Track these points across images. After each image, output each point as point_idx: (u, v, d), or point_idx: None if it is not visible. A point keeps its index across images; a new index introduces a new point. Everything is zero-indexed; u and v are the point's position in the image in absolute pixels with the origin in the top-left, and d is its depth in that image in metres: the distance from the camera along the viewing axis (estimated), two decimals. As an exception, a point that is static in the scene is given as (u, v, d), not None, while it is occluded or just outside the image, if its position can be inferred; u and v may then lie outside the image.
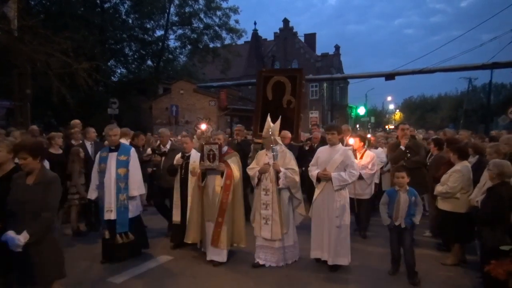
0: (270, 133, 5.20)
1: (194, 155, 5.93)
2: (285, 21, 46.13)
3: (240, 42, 31.84)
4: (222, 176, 5.34)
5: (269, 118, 5.38)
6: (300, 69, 8.22)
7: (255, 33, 45.80)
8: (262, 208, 5.23)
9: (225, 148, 5.63)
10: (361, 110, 40.87)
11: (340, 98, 49.68)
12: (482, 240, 4.37)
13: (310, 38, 47.90)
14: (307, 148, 8.83)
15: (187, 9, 27.24)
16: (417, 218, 4.84)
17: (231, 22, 27.86)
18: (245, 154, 7.30)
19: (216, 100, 23.96)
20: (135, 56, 27.62)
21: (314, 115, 39.42)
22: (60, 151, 6.77)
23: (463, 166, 5.30)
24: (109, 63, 25.72)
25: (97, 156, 5.56)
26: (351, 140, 6.50)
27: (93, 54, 18.80)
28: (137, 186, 5.50)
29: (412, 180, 5.02)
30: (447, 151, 5.95)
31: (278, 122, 5.39)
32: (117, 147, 5.46)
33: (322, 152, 5.30)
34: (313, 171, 5.20)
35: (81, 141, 7.34)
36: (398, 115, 56.46)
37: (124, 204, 5.32)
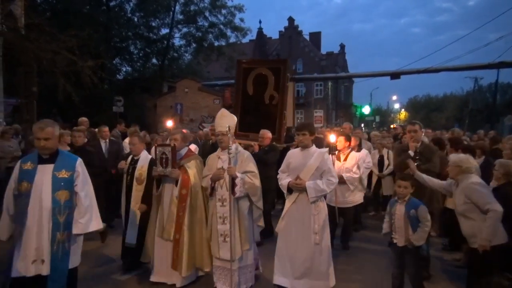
0: (227, 129, 4.26)
1: (144, 159, 4.99)
2: (290, 20, 46.01)
3: (245, 40, 31.80)
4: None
5: (224, 110, 4.53)
6: (285, 60, 7.23)
7: (260, 32, 45.73)
8: (219, 223, 4.26)
9: (183, 150, 4.73)
10: (366, 109, 40.77)
11: (345, 97, 49.55)
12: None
13: (315, 36, 47.75)
14: (292, 149, 8.23)
15: (192, 8, 27.26)
16: (416, 238, 3.89)
17: (236, 21, 27.84)
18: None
19: (221, 98, 23.98)
20: (140, 54, 27.69)
21: (319, 114, 39.25)
22: (68, 149, 6.83)
23: (481, 166, 5.35)
24: (114, 61, 25.81)
25: (15, 169, 3.51)
26: (332, 137, 5.59)
27: (99, 52, 18.88)
28: (89, 217, 3.54)
29: (420, 193, 4.38)
30: (451, 150, 5.93)
31: (234, 117, 4.53)
32: (52, 156, 3.47)
33: (293, 156, 4.43)
34: (283, 179, 4.36)
35: (86, 139, 7.38)
36: (403, 114, 56.25)
37: (63, 248, 3.37)
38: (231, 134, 4.32)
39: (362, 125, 43.57)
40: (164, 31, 27.48)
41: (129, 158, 5.15)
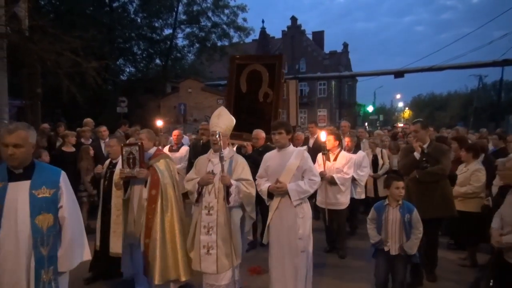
0: (222, 130, 3.91)
1: None
2: (293, 19, 45.98)
3: (248, 40, 31.80)
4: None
5: (223, 109, 4.16)
6: (280, 56, 6.94)
7: (263, 31, 45.74)
8: (203, 233, 3.85)
9: (152, 150, 4.43)
10: (370, 108, 40.69)
11: (348, 96, 49.46)
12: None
13: (318, 36, 47.69)
14: None
15: (195, 8, 27.30)
16: (410, 245, 3.69)
17: (239, 21, 27.86)
18: None
19: (224, 98, 23.99)
20: (144, 55, 27.76)
21: (322, 113, 39.37)
22: (73, 149, 6.88)
23: (481, 165, 5.31)
24: (117, 62, 25.89)
25: None
26: (323, 135, 5.40)
27: (102, 53, 18.94)
28: (77, 247, 2.79)
29: (425, 199, 4.17)
30: (456, 149, 5.91)
31: (233, 118, 4.17)
32: (27, 170, 2.63)
33: (270, 158, 4.10)
34: (262, 185, 4.03)
35: (91, 139, 7.42)
36: (407, 113, 56.10)
37: None
38: (226, 137, 3.98)
39: (366, 124, 43.48)
40: (167, 31, 27.55)
41: (107, 162, 4.78)
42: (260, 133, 5.94)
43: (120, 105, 18.58)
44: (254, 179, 4.14)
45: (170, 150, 6.96)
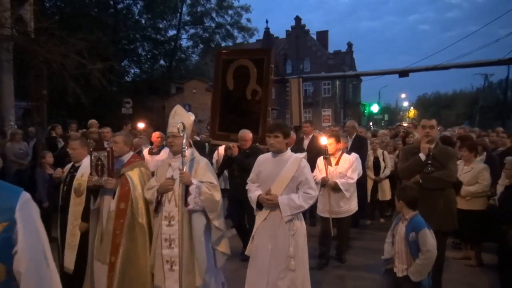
0: (179, 127, 3.41)
1: (85, 167, 4.03)
2: (297, 19, 45.94)
3: (252, 40, 31.87)
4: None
5: (178, 107, 3.67)
6: (269, 50, 6.43)
7: (266, 31, 45.76)
8: (165, 247, 3.38)
9: (126, 156, 3.90)
10: (375, 108, 40.56)
11: (353, 96, 49.33)
12: (503, 239, 4.28)
13: (322, 35, 47.60)
14: None
15: (199, 9, 27.43)
16: (413, 271, 3.15)
17: (243, 21, 27.98)
18: None
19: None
20: (148, 56, 27.92)
21: (327, 113, 39.19)
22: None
23: (484, 163, 5.31)
24: (122, 63, 26.03)
25: None
26: (324, 140, 5.03)
27: (107, 55, 19.04)
28: None
29: (427, 208, 3.59)
30: (459, 148, 5.90)
31: (191, 115, 3.73)
32: None
33: (263, 162, 3.63)
34: (253, 192, 3.57)
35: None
36: (412, 112, 55.87)
37: None
38: (187, 135, 3.43)
39: (371, 123, 43.37)
40: (171, 32, 27.71)
41: (69, 165, 4.31)
42: (247, 134, 5.37)
43: (125, 106, 18.65)
44: (243, 183, 3.84)
45: (150, 152, 6.49)
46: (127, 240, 3.60)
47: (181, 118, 3.52)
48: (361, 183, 6.30)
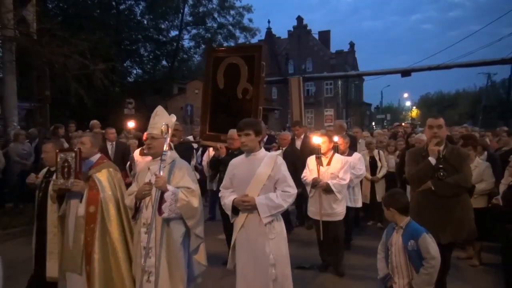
0: (166, 130, 3.24)
1: None
2: (299, 19, 45.97)
3: (254, 40, 31.90)
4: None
5: (159, 108, 3.53)
6: (259, 46, 6.32)
7: (268, 32, 45.78)
8: (143, 255, 3.12)
9: (94, 157, 3.70)
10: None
11: (355, 96, 49.30)
12: (507, 239, 4.25)
13: (324, 35, 47.62)
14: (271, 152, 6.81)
15: (201, 9, 27.50)
16: (419, 283, 2.83)
17: (245, 21, 28.06)
18: None
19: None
20: (150, 57, 27.97)
21: (329, 113, 39.16)
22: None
23: (485, 161, 5.33)
24: (125, 64, 26.09)
25: None
26: (317, 139, 4.85)
27: (109, 55, 19.08)
28: None
29: (442, 218, 3.42)
30: (462, 147, 5.90)
31: (172, 116, 3.54)
32: None
33: (237, 166, 3.39)
34: (227, 198, 3.32)
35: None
36: (414, 112, 55.76)
37: None
38: (167, 136, 3.23)
39: (373, 123, 43.30)
40: (174, 33, 27.77)
41: (44, 170, 4.08)
42: (236, 133, 5.37)
43: (127, 107, 18.68)
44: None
45: (141, 154, 6.19)
46: (100, 247, 3.39)
47: (162, 119, 3.34)
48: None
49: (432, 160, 3.61)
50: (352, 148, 6.24)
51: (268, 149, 6.48)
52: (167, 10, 25.68)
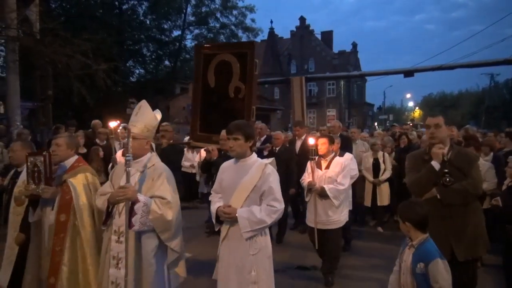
0: (136, 129, 2.98)
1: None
2: (302, 19, 45.95)
3: (256, 40, 31.94)
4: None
5: (144, 103, 3.19)
6: (251, 43, 6.01)
7: (271, 32, 45.78)
8: (112, 265, 2.89)
9: (70, 160, 3.42)
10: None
11: (358, 96, 49.24)
12: (508, 239, 4.24)
13: (327, 35, 47.59)
14: (265, 153, 6.48)
15: (203, 9, 27.54)
16: None
17: (247, 21, 28.12)
18: (171, 166, 4.18)
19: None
20: (153, 57, 28.04)
21: (331, 113, 39.23)
22: (84, 150, 6.96)
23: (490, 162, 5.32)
24: (127, 64, 26.17)
25: None
26: (311, 140, 4.53)
27: (112, 55, 19.15)
28: None
29: (450, 231, 3.07)
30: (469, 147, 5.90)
31: (156, 115, 3.22)
32: None
33: (226, 170, 3.13)
34: (214, 204, 3.08)
35: (105, 141, 7.48)
36: (417, 112, 55.62)
37: None
38: (145, 139, 3.01)
39: (376, 124, 43.25)
40: (176, 33, 27.84)
41: (12, 171, 3.88)
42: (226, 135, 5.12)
43: (130, 107, 18.74)
44: None
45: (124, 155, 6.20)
46: (70, 258, 3.14)
47: (144, 118, 3.04)
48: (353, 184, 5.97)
49: (435, 164, 3.16)
50: (345, 149, 5.85)
51: (261, 150, 6.52)
52: (169, 10, 25.75)
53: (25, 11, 10.53)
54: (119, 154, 5.82)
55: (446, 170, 3.12)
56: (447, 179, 3.09)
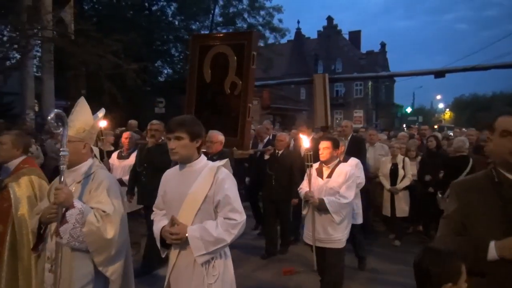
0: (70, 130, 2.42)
1: None
2: (329, 19, 45.52)
3: (283, 41, 31.86)
4: None
5: (82, 102, 2.81)
6: (250, 32, 5.44)
7: (298, 32, 45.56)
8: None
9: (15, 161, 2.96)
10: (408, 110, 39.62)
11: (386, 97, 48.35)
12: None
13: (355, 35, 46.98)
14: (266, 157, 5.73)
15: (231, 10, 27.68)
16: None
17: (275, 21, 28.02)
18: (158, 168, 3.90)
19: (259, 99, 24.11)
20: (181, 57, 28.40)
21: (358, 114, 38.58)
22: (112, 148, 7.14)
23: None
24: (156, 64, 26.64)
25: None
26: (306, 142, 3.99)
27: (141, 55, 19.56)
28: None
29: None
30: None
31: (87, 112, 2.79)
32: None
33: (169, 180, 2.48)
34: (157, 223, 2.46)
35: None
36: (448, 114, 54.07)
37: None
38: (82, 142, 2.53)
39: (404, 125, 42.31)
40: (204, 33, 28.05)
41: None
42: (216, 136, 4.51)
43: (158, 106, 19.11)
44: None
45: (119, 157, 5.54)
46: (8, 278, 2.71)
47: (79, 118, 2.64)
48: (366, 191, 5.53)
49: (492, 253, 1.74)
50: (354, 153, 5.12)
51: (262, 153, 5.98)
52: (197, 11, 26.05)
53: (60, 12, 10.90)
54: (113, 157, 5.69)
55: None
56: None
